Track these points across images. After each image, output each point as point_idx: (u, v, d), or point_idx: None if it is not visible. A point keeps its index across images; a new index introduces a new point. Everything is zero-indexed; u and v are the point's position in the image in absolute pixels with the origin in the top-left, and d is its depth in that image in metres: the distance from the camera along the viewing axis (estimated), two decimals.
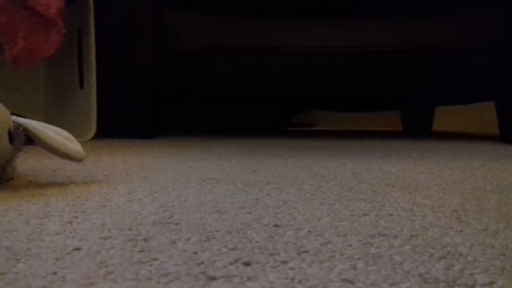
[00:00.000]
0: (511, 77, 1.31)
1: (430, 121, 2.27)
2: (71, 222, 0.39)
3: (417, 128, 2.24)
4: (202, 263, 0.29)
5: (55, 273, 0.27)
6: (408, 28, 1.32)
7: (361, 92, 1.42)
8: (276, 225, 0.39)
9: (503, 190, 0.56)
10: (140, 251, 0.31)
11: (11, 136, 0.55)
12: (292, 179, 0.63)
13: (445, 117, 2.33)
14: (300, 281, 0.26)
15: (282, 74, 1.36)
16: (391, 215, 0.43)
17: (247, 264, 0.29)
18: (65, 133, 0.60)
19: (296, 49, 1.34)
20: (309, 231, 0.37)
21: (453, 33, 1.32)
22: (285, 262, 0.29)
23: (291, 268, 0.28)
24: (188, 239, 0.34)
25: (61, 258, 0.29)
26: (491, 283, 0.26)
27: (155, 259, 0.29)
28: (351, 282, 0.26)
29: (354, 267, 0.29)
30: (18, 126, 0.56)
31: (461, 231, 0.38)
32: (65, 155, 0.57)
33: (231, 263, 0.29)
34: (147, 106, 1.40)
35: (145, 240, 0.34)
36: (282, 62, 1.35)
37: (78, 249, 0.31)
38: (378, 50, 1.33)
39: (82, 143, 0.62)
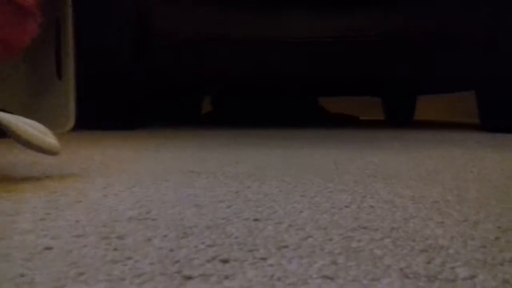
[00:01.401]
0: (492, 66, 1.32)
1: (412, 110, 2.28)
2: (44, 219, 0.38)
3: (399, 117, 2.25)
4: (178, 261, 0.28)
5: (22, 275, 0.26)
6: (391, 18, 1.32)
7: (347, 80, 1.42)
8: (256, 219, 0.38)
9: (483, 180, 0.56)
10: (114, 249, 0.30)
11: None
12: (274, 170, 0.63)
13: (427, 106, 2.35)
14: (279, 279, 0.26)
15: (270, 64, 1.35)
16: (372, 206, 0.43)
17: (225, 261, 0.28)
18: (39, 126, 0.58)
19: (284, 39, 1.32)
20: (290, 225, 0.36)
21: (435, 23, 1.32)
22: (264, 259, 0.29)
23: (270, 265, 0.28)
24: (165, 236, 0.33)
25: (31, 259, 0.28)
26: (472, 277, 0.26)
27: (129, 258, 0.28)
28: (331, 279, 0.26)
29: (334, 262, 0.28)
30: None
31: (442, 222, 0.37)
32: (40, 148, 0.56)
33: (208, 261, 0.28)
34: (128, 97, 1.38)
35: (120, 237, 0.33)
36: (270, 52, 1.34)
37: (49, 248, 0.30)
38: (364, 40, 1.32)
39: (61, 135, 0.61)
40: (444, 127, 1.58)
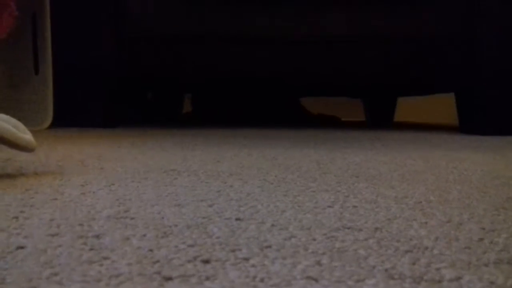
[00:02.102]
0: (471, 69, 1.34)
1: (392, 111, 2.30)
2: (17, 217, 0.36)
3: (379, 118, 2.27)
4: (157, 261, 0.27)
5: None
6: (371, 19, 1.33)
7: (327, 81, 1.42)
8: (238, 219, 0.37)
9: (464, 181, 0.56)
10: (91, 249, 0.29)
11: None
12: (256, 170, 0.62)
13: (406, 108, 2.37)
14: (262, 280, 0.25)
15: (250, 63, 1.34)
16: (355, 206, 0.42)
17: (206, 261, 0.27)
18: (14, 121, 0.56)
19: (260, 38, 1.32)
20: (273, 225, 0.36)
21: (415, 24, 1.33)
22: (247, 259, 0.28)
23: (252, 266, 0.27)
24: (144, 235, 0.32)
25: (2, 258, 0.27)
26: (458, 278, 0.25)
27: (106, 258, 0.27)
28: (315, 280, 0.25)
29: (318, 263, 0.27)
30: None
31: (426, 223, 0.37)
32: (14, 144, 0.54)
33: (189, 261, 0.27)
34: (107, 94, 1.35)
35: (97, 236, 0.31)
36: (247, 50, 1.33)
37: (22, 247, 0.29)
38: (341, 40, 1.33)
39: (38, 132, 0.59)
40: (424, 128, 1.60)
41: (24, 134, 0.55)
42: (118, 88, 1.40)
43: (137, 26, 1.32)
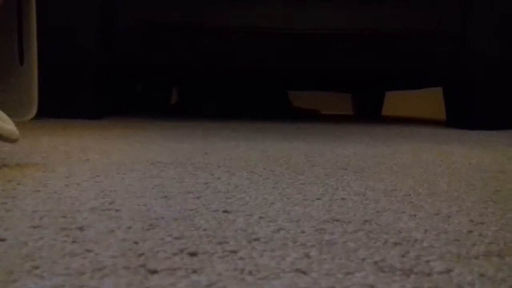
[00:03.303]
0: (460, 64, 1.34)
1: (380, 105, 2.31)
2: None
3: (367, 112, 2.28)
4: (142, 254, 0.26)
5: None
6: (361, 13, 1.32)
7: (314, 75, 1.41)
8: (226, 211, 0.36)
9: (452, 173, 0.56)
10: (73, 241, 0.28)
11: None
12: (244, 162, 0.61)
13: (394, 102, 2.38)
14: (250, 272, 0.24)
15: (239, 55, 1.33)
16: (344, 199, 0.42)
17: (193, 254, 0.27)
18: None
19: (251, 29, 1.31)
20: (261, 217, 0.35)
21: (404, 19, 1.33)
22: (235, 252, 0.27)
23: (240, 258, 0.26)
24: (129, 228, 0.31)
25: None
26: (448, 271, 0.25)
27: (89, 251, 0.26)
28: (304, 272, 0.25)
29: (307, 255, 0.27)
30: None
31: (415, 215, 0.37)
32: None
33: (175, 254, 0.26)
34: (94, 85, 1.33)
35: (80, 229, 0.31)
36: (240, 43, 1.32)
37: (3, 240, 0.28)
38: (331, 34, 1.32)
39: (22, 123, 0.58)
40: (412, 122, 1.61)
41: (7, 125, 0.54)
42: (106, 80, 1.38)
43: (124, 17, 1.30)
